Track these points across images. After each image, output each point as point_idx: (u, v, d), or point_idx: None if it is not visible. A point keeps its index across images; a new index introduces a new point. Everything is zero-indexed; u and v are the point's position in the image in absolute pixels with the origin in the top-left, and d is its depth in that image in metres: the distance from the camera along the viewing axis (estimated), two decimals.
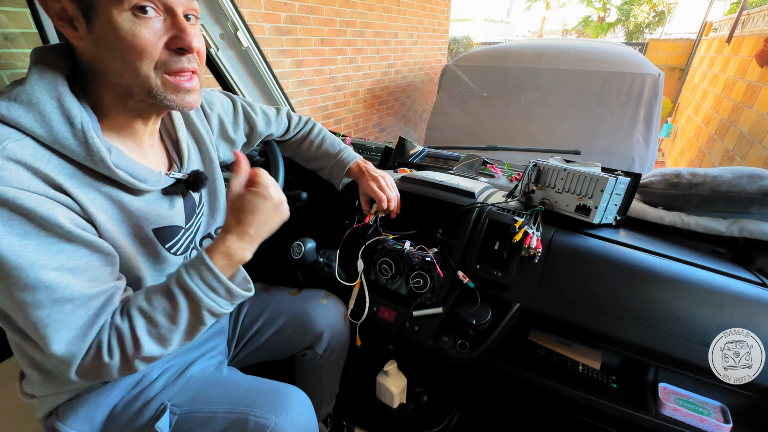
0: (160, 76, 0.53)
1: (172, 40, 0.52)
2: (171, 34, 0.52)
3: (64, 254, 0.49)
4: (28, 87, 0.48)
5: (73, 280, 0.50)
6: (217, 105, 0.83)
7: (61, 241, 0.48)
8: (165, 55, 0.52)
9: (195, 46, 0.54)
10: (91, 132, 0.50)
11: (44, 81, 0.49)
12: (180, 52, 0.53)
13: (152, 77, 0.52)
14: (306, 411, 0.72)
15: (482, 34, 12.70)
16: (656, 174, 0.96)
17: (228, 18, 1.15)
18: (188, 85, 0.55)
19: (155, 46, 0.51)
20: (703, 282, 0.73)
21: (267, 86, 1.36)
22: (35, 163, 0.47)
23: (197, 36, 0.55)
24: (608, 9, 10.77)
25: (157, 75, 0.52)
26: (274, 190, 0.62)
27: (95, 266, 0.52)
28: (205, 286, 0.56)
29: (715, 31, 4.45)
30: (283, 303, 0.93)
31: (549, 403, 0.89)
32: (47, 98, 0.48)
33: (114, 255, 0.55)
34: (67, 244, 0.49)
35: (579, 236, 0.85)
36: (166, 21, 0.52)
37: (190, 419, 0.67)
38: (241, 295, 0.60)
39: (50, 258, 0.47)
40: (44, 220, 0.46)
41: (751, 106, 2.73)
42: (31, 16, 0.96)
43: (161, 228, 0.63)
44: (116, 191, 0.55)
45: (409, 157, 1.37)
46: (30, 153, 0.47)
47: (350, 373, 1.10)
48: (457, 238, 0.92)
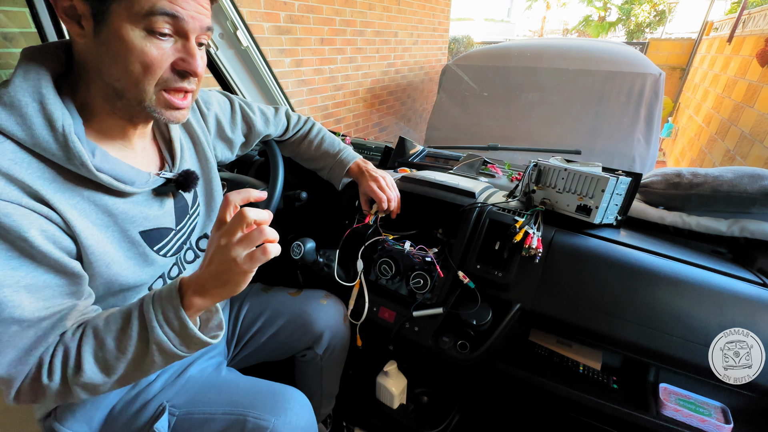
0: (157, 92, 0.53)
1: (178, 62, 0.52)
2: (179, 56, 0.52)
3: (23, 270, 0.47)
4: (11, 89, 0.48)
5: (27, 299, 0.47)
6: (214, 105, 0.83)
7: (23, 256, 0.46)
8: (168, 73, 0.52)
9: (200, 72, 0.55)
10: (72, 136, 0.49)
11: (28, 83, 0.48)
12: (183, 74, 0.54)
13: (149, 92, 0.52)
14: (305, 412, 0.72)
15: (482, 34, 12.69)
16: (657, 174, 0.95)
17: (227, 17, 1.14)
18: (180, 104, 0.56)
19: (161, 65, 0.51)
20: (703, 282, 0.73)
21: (266, 86, 1.35)
22: (12, 168, 0.46)
23: (203, 59, 0.56)
24: (609, 8, 10.77)
25: (155, 91, 0.52)
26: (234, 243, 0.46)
27: (54, 285, 0.50)
28: (162, 316, 0.50)
29: (716, 31, 4.44)
30: (282, 303, 0.93)
31: (549, 403, 0.88)
32: (29, 100, 0.48)
33: (80, 276, 0.52)
34: (28, 261, 0.47)
35: (580, 236, 0.85)
36: (177, 43, 0.52)
37: (189, 420, 0.67)
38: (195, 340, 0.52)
39: (8, 273, 0.45)
40: (9, 232, 0.44)
41: (751, 105, 2.73)
42: (31, 16, 0.96)
43: (149, 230, 0.61)
44: (99, 195, 0.54)
45: (409, 157, 1.37)
46: (8, 158, 0.46)
47: (350, 373, 1.10)
48: (457, 238, 0.92)
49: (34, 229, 0.46)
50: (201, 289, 0.50)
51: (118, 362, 0.51)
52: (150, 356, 0.51)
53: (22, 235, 0.45)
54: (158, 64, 0.50)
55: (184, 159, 0.69)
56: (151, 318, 0.50)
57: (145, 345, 0.51)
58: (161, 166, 0.66)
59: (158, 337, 0.50)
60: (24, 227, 0.45)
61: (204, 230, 0.77)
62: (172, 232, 0.66)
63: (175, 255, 0.68)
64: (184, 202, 0.69)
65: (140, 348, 0.51)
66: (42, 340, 0.50)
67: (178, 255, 0.70)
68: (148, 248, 0.62)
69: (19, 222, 0.45)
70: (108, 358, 0.51)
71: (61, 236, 0.50)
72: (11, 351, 0.47)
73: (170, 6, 0.48)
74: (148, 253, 0.62)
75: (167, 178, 0.63)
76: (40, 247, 0.47)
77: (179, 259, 0.70)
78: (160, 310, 0.50)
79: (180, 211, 0.68)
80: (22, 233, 0.45)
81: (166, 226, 0.65)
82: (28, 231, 0.46)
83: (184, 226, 0.70)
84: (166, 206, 0.65)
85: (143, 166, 0.61)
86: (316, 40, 2.97)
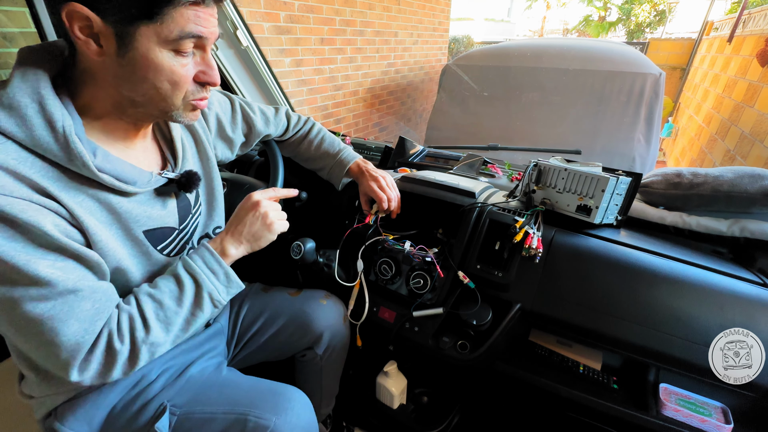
0: (185, 104, 0.57)
1: (200, 75, 0.56)
2: (200, 69, 0.56)
3: (52, 257, 0.49)
4: (10, 90, 0.48)
5: (70, 275, 0.50)
6: (215, 104, 0.83)
7: (44, 248, 0.48)
8: (192, 86, 0.56)
9: (218, 81, 0.58)
10: (73, 136, 0.49)
11: (27, 83, 0.48)
12: (206, 85, 0.57)
13: (178, 105, 0.56)
14: (306, 412, 0.72)
15: (483, 33, 12.69)
16: (657, 174, 0.95)
17: (227, 17, 1.14)
18: (202, 104, 0.59)
19: (188, 81, 0.55)
20: (703, 282, 0.73)
21: (266, 85, 1.35)
22: (18, 167, 0.46)
23: None
24: (609, 8, 10.77)
25: (183, 102, 0.56)
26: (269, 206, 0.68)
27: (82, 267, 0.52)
28: (207, 269, 0.61)
29: (716, 31, 4.44)
30: (282, 303, 0.93)
31: (549, 403, 0.88)
32: (28, 101, 0.48)
33: (100, 264, 0.54)
34: (53, 252, 0.49)
35: (580, 236, 0.85)
36: (196, 56, 0.55)
37: (190, 420, 0.67)
38: (237, 284, 0.64)
39: (42, 256, 0.47)
40: (28, 227, 0.46)
41: (752, 105, 2.73)
42: (31, 16, 0.96)
43: (152, 230, 0.62)
44: (104, 193, 0.55)
45: (409, 157, 1.37)
46: (12, 157, 0.46)
47: (350, 373, 1.10)
48: (457, 238, 0.92)
49: (49, 224, 0.47)
50: (236, 242, 0.65)
51: (176, 317, 0.58)
52: (201, 306, 0.60)
53: (41, 229, 0.46)
54: (185, 81, 0.54)
55: (186, 158, 0.69)
56: (199, 272, 0.60)
57: (199, 298, 0.60)
58: (163, 165, 0.67)
59: (209, 287, 0.60)
60: (41, 222, 0.46)
61: (206, 230, 0.77)
62: (175, 232, 0.67)
63: (177, 254, 0.69)
64: (187, 202, 0.70)
65: (196, 301, 0.60)
66: (101, 311, 0.52)
67: (181, 255, 0.70)
68: (152, 247, 0.62)
69: (35, 217, 0.46)
70: (168, 316, 0.57)
71: (72, 231, 0.51)
72: (74, 322, 0.50)
73: (197, 29, 0.51)
74: (152, 253, 0.63)
75: (169, 178, 0.64)
76: (59, 240, 0.48)
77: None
78: (205, 265, 0.61)
79: (183, 211, 0.69)
80: (41, 227, 0.46)
81: (169, 226, 0.65)
82: (45, 225, 0.47)
83: (187, 225, 0.70)
84: (169, 206, 0.65)
85: (145, 166, 0.61)
86: (316, 40, 2.97)
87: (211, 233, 0.78)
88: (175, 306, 0.58)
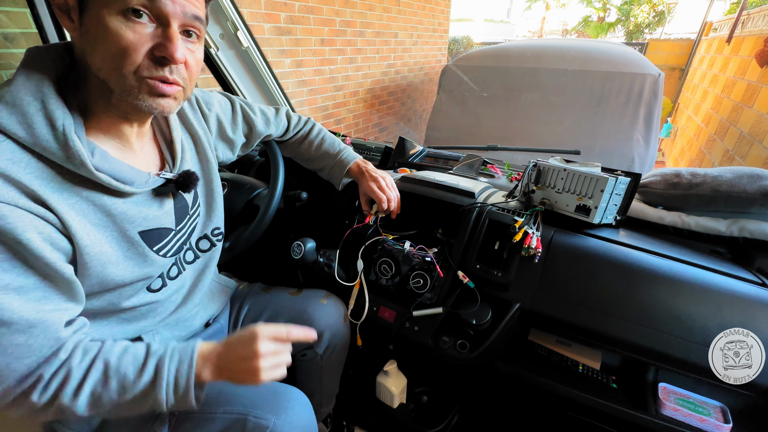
0: (139, 80, 0.52)
1: (156, 48, 0.51)
2: (156, 41, 0.51)
3: (15, 272, 0.46)
4: (14, 88, 0.48)
5: (17, 301, 0.47)
6: (216, 105, 0.83)
7: (15, 258, 0.46)
8: (147, 61, 0.51)
9: (178, 57, 0.52)
10: (72, 135, 0.49)
11: (30, 82, 0.49)
12: (162, 61, 0.52)
13: (129, 78, 0.51)
14: (305, 411, 0.72)
15: (482, 34, 12.70)
16: (656, 174, 0.95)
17: (228, 18, 1.15)
18: (164, 89, 0.53)
19: (137, 50, 0.50)
20: (703, 282, 0.73)
21: (267, 86, 1.36)
22: (10, 168, 0.46)
23: (189, 51, 0.55)
24: (608, 9, 10.78)
25: (135, 78, 0.51)
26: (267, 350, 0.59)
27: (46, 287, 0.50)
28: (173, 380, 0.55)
29: (715, 31, 4.45)
30: (283, 303, 0.93)
31: (549, 403, 0.89)
32: (31, 99, 0.48)
33: (72, 282, 0.52)
34: (20, 264, 0.47)
35: (579, 236, 0.85)
36: (157, 30, 0.51)
37: (189, 419, 0.67)
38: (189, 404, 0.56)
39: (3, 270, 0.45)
40: (3, 234, 0.44)
41: (751, 106, 2.73)
42: (31, 16, 0.96)
43: (148, 230, 0.61)
44: (98, 195, 0.54)
45: (409, 157, 1.37)
46: (7, 158, 0.46)
47: (350, 373, 1.10)
48: (457, 238, 0.92)
49: (31, 231, 0.46)
50: (217, 369, 0.58)
51: (109, 402, 0.53)
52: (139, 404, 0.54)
53: (16, 237, 0.45)
54: (133, 47, 0.49)
55: (184, 159, 0.69)
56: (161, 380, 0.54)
57: (142, 397, 0.54)
58: (161, 166, 0.66)
59: (159, 397, 0.54)
60: (19, 229, 0.45)
61: (204, 231, 0.77)
62: (171, 233, 0.66)
63: (174, 255, 0.68)
64: (185, 203, 0.70)
65: (140, 396, 0.54)
66: (35, 349, 0.48)
67: (178, 255, 0.70)
68: (148, 248, 0.62)
69: (14, 224, 0.45)
70: (103, 396, 0.52)
71: (57, 237, 0.50)
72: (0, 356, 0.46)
73: None
74: (148, 253, 0.62)
75: (167, 178, 0.63)
76: (35, 250, 0.47)
77: (179, 260, 0.71)
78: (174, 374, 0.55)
79: (180, 212, 0.68)
80: (17, 236, 0.45)
81: (165, 227, 0.65)
82: (23, 233, 0.45)
83: (184, 226, 0.70)
84: (165, 206, 0.65)
85: (143, 166, 0.61)
86: (316, 41, 2.97)
87: (210, 234, 0.78)
88: (116, 393, 0.53)
